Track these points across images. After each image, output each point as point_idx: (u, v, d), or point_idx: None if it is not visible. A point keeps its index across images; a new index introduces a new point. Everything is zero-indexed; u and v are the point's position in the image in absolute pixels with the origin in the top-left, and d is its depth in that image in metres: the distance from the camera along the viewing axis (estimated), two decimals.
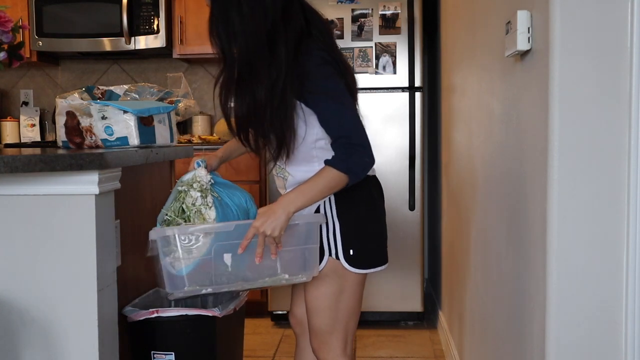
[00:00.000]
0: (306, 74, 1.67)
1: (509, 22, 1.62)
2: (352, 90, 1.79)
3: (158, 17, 3.92)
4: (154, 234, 1.69)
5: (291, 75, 1.66)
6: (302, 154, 1.75)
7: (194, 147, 3.67)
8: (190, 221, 1.74)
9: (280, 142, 1.70)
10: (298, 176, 1.78)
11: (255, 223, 1.65)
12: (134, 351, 2.00)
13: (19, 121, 4.35)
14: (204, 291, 1.70)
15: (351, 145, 1.66)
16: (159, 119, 2.03)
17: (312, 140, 1.74)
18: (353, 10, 3.52)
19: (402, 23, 3.49)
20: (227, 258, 1.68)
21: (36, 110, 4.36)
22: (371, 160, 1.69)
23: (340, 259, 1.75)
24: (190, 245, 1.68)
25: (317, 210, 1.77)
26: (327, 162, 1.67)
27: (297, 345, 2.06)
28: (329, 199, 1.75)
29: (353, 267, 1.75)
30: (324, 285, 1.77)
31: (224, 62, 1.72)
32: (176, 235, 1.67)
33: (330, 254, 1.75)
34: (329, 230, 1.75)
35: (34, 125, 4.34)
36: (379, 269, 1.82)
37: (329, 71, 1.70)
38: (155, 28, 3.93)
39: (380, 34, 3.52)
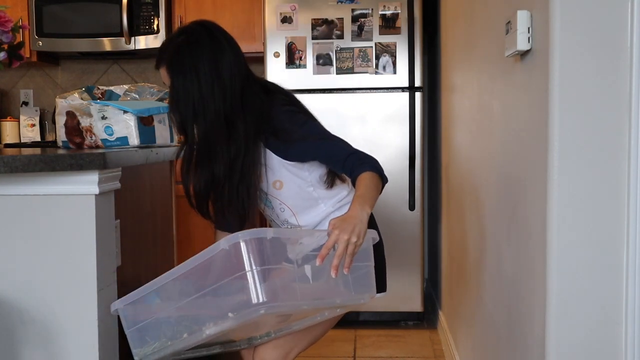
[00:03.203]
0: (285, 131, 1.72)
1: (509, 22, 1.62)
2: None
3: (158, 17, 3.92)
4: (245, 235, 1.44)
5: (252, 152, 1.71)
6: (306, 201, 1.80)
7: None
8: None
9: (242, 216, 1.75)
10: (311, 222, 1.82)
11: (338, 230, 1.51)
12: None
13: (19, 121, 4.35)
14: (283, 310, 1.51)
15: (361, 156, 1.70)
16: (159, 119, 2.03)
17: (308, 186, 1.79)
18: (353, 10, 3.52)
19: (402, 23, 3.49)
20: (308, 270, 1.53)
21: (36, 110, 4.36)
22: None
23: None
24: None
25: None
26: (356, 174, 1.65)
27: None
28: None
29: None
30: None
31: (185, 138, 1.76)
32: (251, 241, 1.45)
33: None
34: None
35: (34, 125, 4.34)
36: (379, 295, 1.78)
37: (301, 118, 1.78)
38: (155, 28, 3.93)
39: (380, 34, 3.52)
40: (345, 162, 1.70)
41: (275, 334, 1.77)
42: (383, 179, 1.68)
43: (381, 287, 1.80)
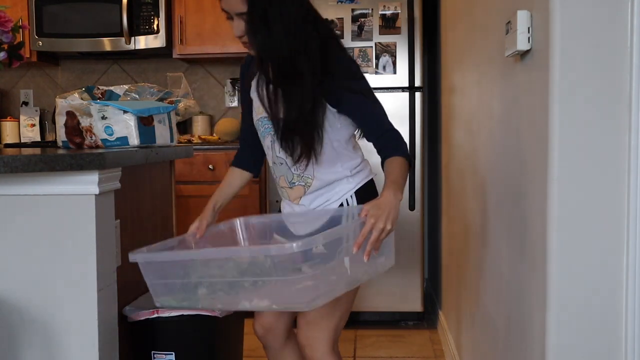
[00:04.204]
0: (342, 75, 1.73)
1: (509, 22, 1.62)
2: None
3: (158, 17, 3.92)
4: (330, 235, 1.57)
5: (321, 82, 1.70)
6: (331, 156, 1.79)
7: (194, 147, 3.67)
8: None
9: (310, 146, 1.74)
10: (325, 178, 1.81)
11: (373, 219, 1.59)
12: (134, 351, 2.00)
13: (19, 121, 4.35)
14: (324, 302, 1.59)
15: (397, 137, 1.75)
16: (159, 119, 2.03)
17: (335, 139, 1.78)
18: (353, 10, 3.52)
19: (402, 23, 3.49)
20: (347, 261, 1.60)
21: (36, 110, 4.36)
22: None
23: None
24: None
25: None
26: (390, 155, 1.72)
27: (272, 356, 1.99)
28: (351, 197, 1.81)
29: None
30: None
31: (265, 65, 1.72)
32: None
33: None
34: None
35: (34, 125, 4.34)
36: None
37: (359, 72, 1.79)
38: (155, 28, 3.93)
39: (380, 34, 3.52)
40: (381, 136, 1.74)
41: None
42: (410, 164, 1.75)
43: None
